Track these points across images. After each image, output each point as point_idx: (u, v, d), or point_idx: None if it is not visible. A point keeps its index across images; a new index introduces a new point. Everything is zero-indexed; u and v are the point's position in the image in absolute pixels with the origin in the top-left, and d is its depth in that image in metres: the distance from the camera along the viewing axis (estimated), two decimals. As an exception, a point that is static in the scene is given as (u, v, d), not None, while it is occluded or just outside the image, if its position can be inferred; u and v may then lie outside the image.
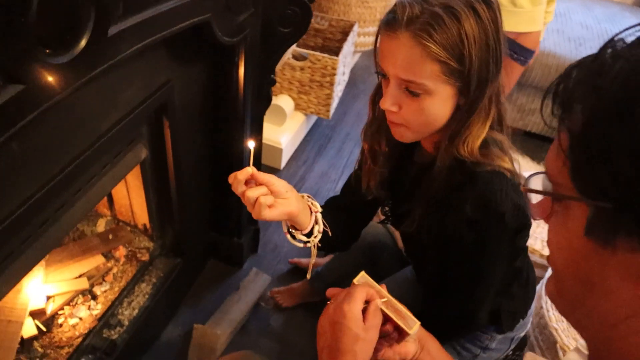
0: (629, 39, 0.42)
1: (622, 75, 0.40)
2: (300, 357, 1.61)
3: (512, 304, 1.15)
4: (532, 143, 2.68)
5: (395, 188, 1.10)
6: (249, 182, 0.85)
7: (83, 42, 0.67)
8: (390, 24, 0.83)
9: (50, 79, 0.67)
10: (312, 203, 1.00)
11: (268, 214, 0.86)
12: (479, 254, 0.97)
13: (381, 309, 0.80)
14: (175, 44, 1.06)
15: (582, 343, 0.61)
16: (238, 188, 0.85)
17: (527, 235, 1.08)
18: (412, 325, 0.80)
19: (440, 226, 0.97)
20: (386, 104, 0.88)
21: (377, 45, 0.90)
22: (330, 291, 0.91)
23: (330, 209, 1.16)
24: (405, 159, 1.07)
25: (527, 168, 2.14)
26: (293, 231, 1.00)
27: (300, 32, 1.28)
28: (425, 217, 0.98)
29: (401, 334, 0.82)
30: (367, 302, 0.79)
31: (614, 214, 0.40)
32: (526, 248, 1.14)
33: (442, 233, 0.97)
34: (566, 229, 0.45)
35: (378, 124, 1.03)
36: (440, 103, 0.86)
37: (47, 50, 0.63)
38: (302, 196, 1.00)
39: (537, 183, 0.50)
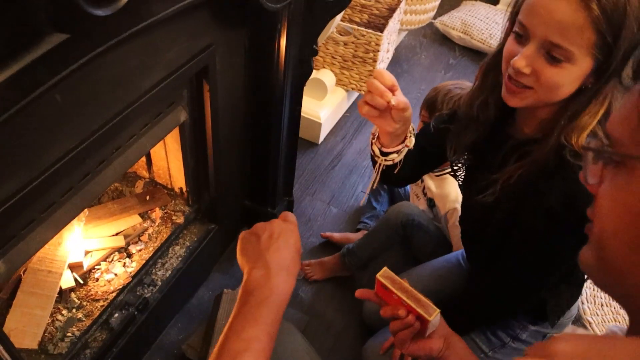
0: None
1: None
2: (327, 328, 1.63)
3: (558, 301, 1.12)
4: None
5: (482, 156, 1.08)
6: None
7: (127, -5, 0.68)
8: None
9: (93, 30, 0.68)
10: (409, 136, 1.00)
11: (372, 117, 0.92)
12: (546, 244, 0.94)
13: (402, 299, 0.83)
14: (219, 7, 1.07)
15: (611, 327, 0.58)
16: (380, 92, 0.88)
17: None
18: (432, 313, 0.81)
19: (515, 205, 0.95)
20: (521, 63, 0.83)
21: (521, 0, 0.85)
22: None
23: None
24: (500, 130, 1.03)
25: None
26: (374, 140, 1.02)
27: (344, 2, 1.26)
28: (504, 191, 0.95)
29: (423, 324, 0.84)
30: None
31: None
32: None
33: (515, 212, 0.95)
34: (629, 193, 0.43)
35: (486, 95, 1.00)
36: (575, 75, 0.82)
37: (93, 1, 0.64)
38: (409, 125, 1.00)
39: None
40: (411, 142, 1.00)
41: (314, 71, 2.24)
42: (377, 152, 1.01)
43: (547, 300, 1.10)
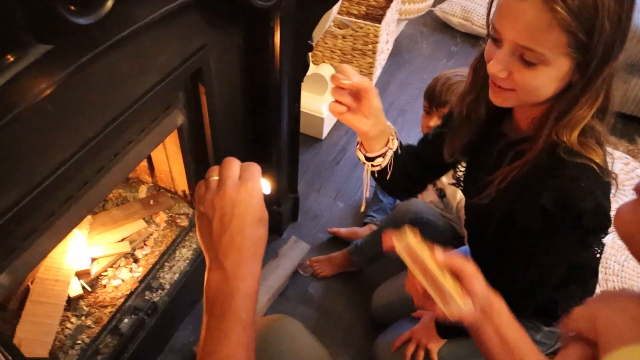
0: None
1: None
2: (337, 324, 1.63)
3: (570, 303, 1.10)
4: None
5: (478, 156, 1.07)
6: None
7: (110, 3, 0.68)
8: None
9: (78, 39, 0.68)
10: (392, 139, 1.00)
11: (339, 115, 0.92)
12: (543, 244, 0.92)
13: (420, 282, 0.71)
14: (210, 7, 1.06)
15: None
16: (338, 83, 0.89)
17: (602, 237, 1.01)
18: (454, 308, 0.70)
19: (511, 205, 0.93)
20: (495, 68, 0.82)
21: (495, 3, 0.84)
22: None
23: (406, 151, 1.14)
24: (495, 129, 1.02)
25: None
26: (359, 146, 1.03)
27: (336, -5, 1.26)
28: (499, 192, 0.93)
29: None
30: None
31: None
32: (601, 247, 1.08)
33: (511, 212, 0.94)
34: None
35: (477, 93, 0.98)
36: (553, 76, 0.80)
37: (74, 11, 0.63)
38: (390, 127, 0.99)
39: None
40: (394, 144, 0.99)
41: (314, 66, 2.23)
42: (362, 158, 1.02)
43: (558, 302, 1.09)
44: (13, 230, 0.82)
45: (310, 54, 1.95)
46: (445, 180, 1.65)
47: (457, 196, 1.60)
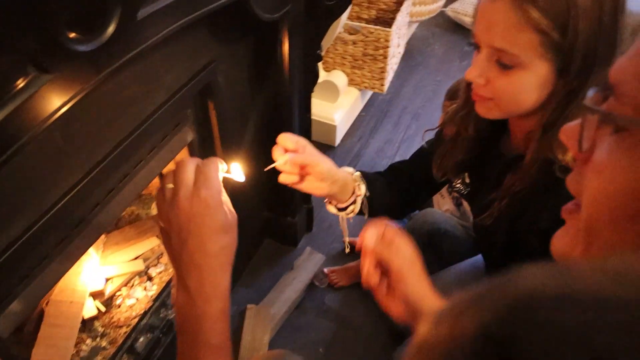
0: None
1: None
2: (356, 335, 1.60)
3: None
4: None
5: (480, 176, 1.03)
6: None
7: (111, 29, 0.66)
8: None
9: (80, 66, 0.66)
10: (357, 185, 0.98)
11: (292, 186, 0.91)
12: None
13: None
14: (217, 23, 1.04)
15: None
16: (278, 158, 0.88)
17: None
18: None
19: (512, 227, 0.91)
20: (472, 74, 0.81)
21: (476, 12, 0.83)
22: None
23: (392, 174, 1.11)
24: (492, 148, 0.99)
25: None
26: (326, 200, 1.01)
27: (345, 4, 1.23)
28: (501, 213, 0.90)
29: None
30: None
31: None
32: None
33: (514, 234, 0.91)
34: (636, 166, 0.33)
35: (469, 109, 0.95)
36: (533, 80, 0.78)
37: (75, 38, 0.62)
38: (352, 175, 0.97)
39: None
40: (361, 189, 0.97)
41: (325, 73, 2.21)
42: (334, 210, 1.00)
43: None
44: (24, 257, 0.81)
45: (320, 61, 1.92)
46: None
47: None
